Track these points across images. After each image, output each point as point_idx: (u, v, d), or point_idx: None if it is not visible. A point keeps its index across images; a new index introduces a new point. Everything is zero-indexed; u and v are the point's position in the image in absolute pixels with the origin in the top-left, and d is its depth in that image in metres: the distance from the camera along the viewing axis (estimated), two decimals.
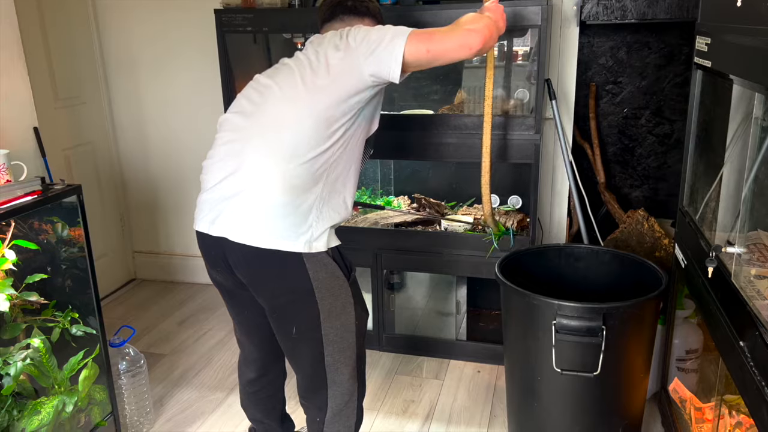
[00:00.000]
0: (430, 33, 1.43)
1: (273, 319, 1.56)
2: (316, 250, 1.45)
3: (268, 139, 1.44)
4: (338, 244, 1.52)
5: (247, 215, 1.43)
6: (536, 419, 1.83)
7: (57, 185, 1.79)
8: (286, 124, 1.43)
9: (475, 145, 2.29)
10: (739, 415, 1.74)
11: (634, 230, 2.71)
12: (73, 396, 1.81)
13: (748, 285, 1.37)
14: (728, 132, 1.92)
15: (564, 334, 1.60)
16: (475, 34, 1.44)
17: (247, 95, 1.55)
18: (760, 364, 1.17)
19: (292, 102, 1.45)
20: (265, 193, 1.41)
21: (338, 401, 1.57)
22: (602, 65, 3.03)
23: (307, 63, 1.49)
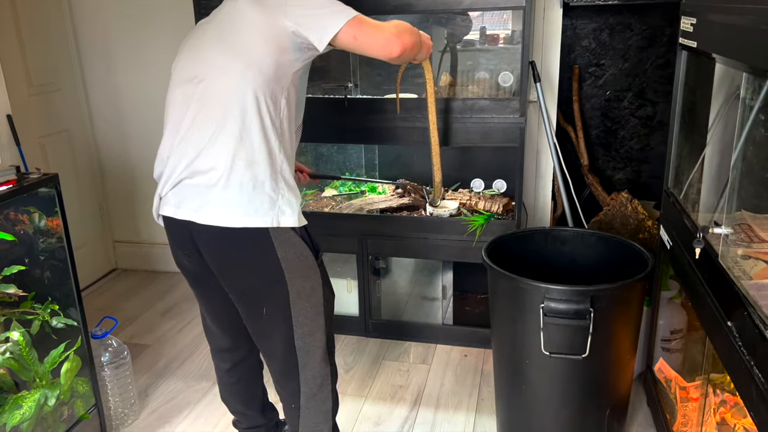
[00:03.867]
0: (366, 24, 1.42)
1: (241, 302, 1.53)
2: (285, 225, 1.42)
3: (215, 121, 1.40)
4: (305, 224, 1.50)
5: (210, 196, 1.41)
6: (524, 402, 1.83)
7: (33, 174, 1.74)
8: (228, 103, 1.39)
9: (460, 129, 2.27)
10: (724, 393, 1.76)
11: (618, 212, 2.72)
12: (55, 389, 1.77)
13: (734, 265, 1.37)
14: (710, 112, 1.92)
15: (552, 317, 1.60)
16: (400, 43, 1.44)
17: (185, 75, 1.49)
18: (748, 343, 1.17)
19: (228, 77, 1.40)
20: (224, 174, 1.39)
21: (311, 385, 1.56)
22: (585, 47, 3.02)
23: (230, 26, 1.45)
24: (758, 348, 1.12)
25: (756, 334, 1.13)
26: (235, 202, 1.39)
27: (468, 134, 2.26)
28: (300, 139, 1.67)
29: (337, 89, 2.42)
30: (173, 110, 1.49)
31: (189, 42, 1.53)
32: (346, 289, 2.61)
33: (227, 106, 1.38)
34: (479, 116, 2.22)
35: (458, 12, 2.40)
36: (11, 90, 2.20)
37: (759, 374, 1.11)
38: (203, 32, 1.51)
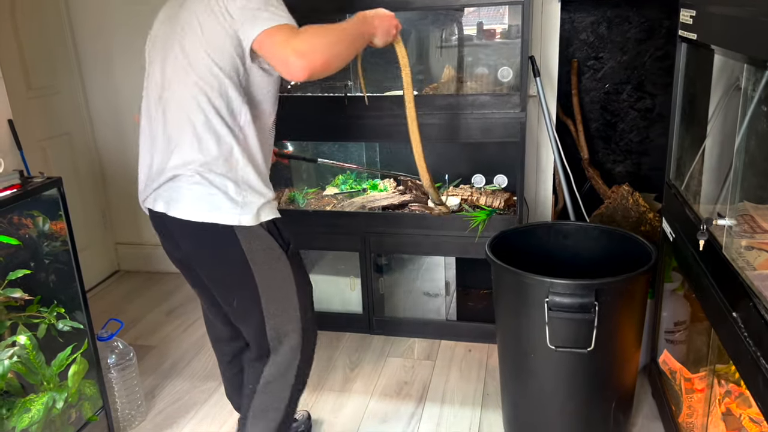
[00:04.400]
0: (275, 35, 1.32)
1: (215, 291, 1.59)
2: (247, 224, 1.44)
3: (177, 127, 1.44)
4: (274, 218, 1.50)
5: (178, 194, 1.45)
6: (530, 396, 1.84)
7: (36, 178, 1.75)
8: (186, 111, 1.42)
9: (461, 125, 2.27)
10: (728, 384, 1.76)
11: (619, 205, 2.73)
12: (63, 392, 1.78)
13: (738, 257, 1.38)
14: (710, 104, 1.93)
15: (557, 311, 1.61)
16: (305, 64, 1.28)
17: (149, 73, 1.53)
18: (754, 334, 1.18)
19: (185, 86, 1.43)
20: (187, 176, 1.43)
21: (273, 372, 1.59)
22: (583, 41, 3.02)
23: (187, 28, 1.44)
24: (764, 338, 1.13)
25: (762, 325, 1.14)
26: (198, 199, 1.44)
27: (469, 130, 2.26)
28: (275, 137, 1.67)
29: (337, 87, 2.42)
30: (145, 116, 1.54)
31: (156, 42, 1.55)
32: (349, 287, 2.61)
33: (185, 114, 1.42)
34: (480, 112, 2.22)
35: (457, 8, 2.40)
36: (11, 93, 2.20)
37: (765, 364, 1.11)
38: (164, 34, 1.51)
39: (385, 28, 1.47)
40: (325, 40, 1.32)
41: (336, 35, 1.35)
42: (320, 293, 2.67)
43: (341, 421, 2.09)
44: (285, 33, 1.30)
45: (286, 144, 2.65)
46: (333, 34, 1.34)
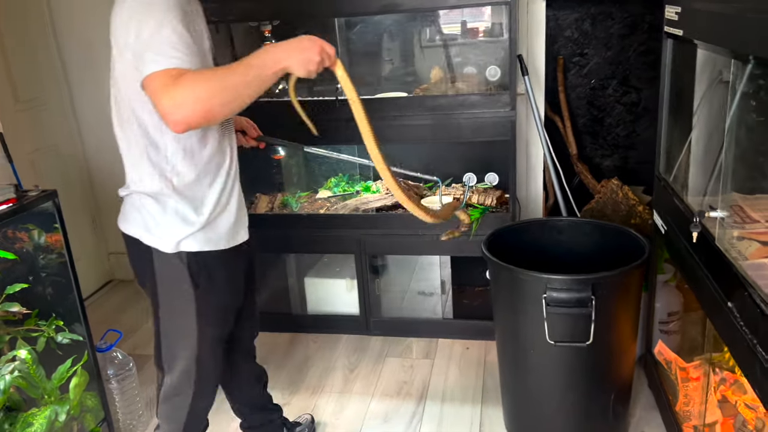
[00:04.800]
0: (155, 81, 1.19)
1: None
2: (164, 250, 1.43)
3: (120, 139, 1.48)
4: (198, 251, 1.44)
5: (124, 206, 1.55)
6: (530, 391, 1.87)
7: (31, 191, 1.74)
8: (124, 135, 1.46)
9: (452, 125, 2.29)
10: (723, 371, 1.80)
11: (609, 199, 2.76)
12: (65, 405, 1.77)
13: (731, 247, 1.41)
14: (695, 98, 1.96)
15: (555, 307, 1.63)
16: (180, 117, 1.16)
17: None
18: (749, 322, 1.21)
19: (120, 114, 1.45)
20: (126, 192, 1.50)
21: (167, 390, 1.59)
22: (568, 38, 3.06)
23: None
24: (760, 327, 1.16)
25: (757, 314, 1.17)
26: (128, 213, 1.51)
27: (460, 130, 2.28)
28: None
29: (328, 91, 2.43)
30: None
31: None
32: (345, 289, 2.63)
33: (122, 134, 1.46)
34: (470, 112, 2.25)
35: (445, 9, 2.42)
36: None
37: (762, 351, 1.14)
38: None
39: (301, 59, 1.26)
40: (205, 89, 1.16)
41: (221, 81, 1.19)
42: (317, 296, 2.70)
43: (344, 422, 2.11)
44: (161, 81, 1.17)
45: (277, 149, 2.66)
46: (217, 80, 1.19)
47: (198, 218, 1.43)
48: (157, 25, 1.22)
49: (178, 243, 1.42)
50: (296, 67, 1.27)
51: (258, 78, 1.22)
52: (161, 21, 1.22)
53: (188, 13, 1.28)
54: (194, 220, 1.43)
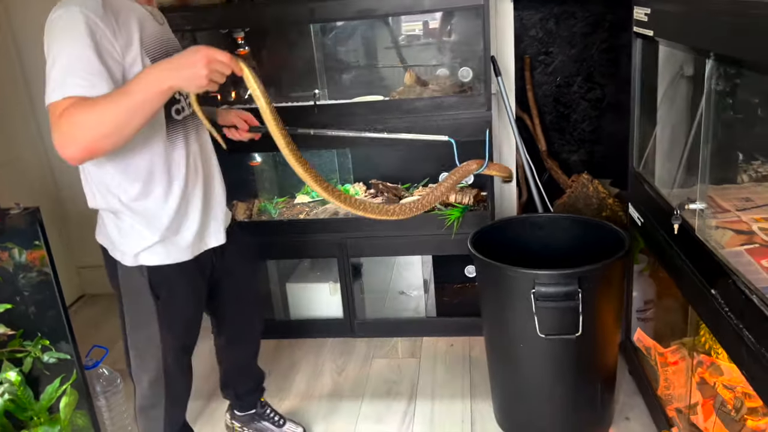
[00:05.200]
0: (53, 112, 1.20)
1: None
2: (125, 263, 1.47)
3: None
4: (157, 264, 1.47)
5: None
6: (520, 384, 1.92)
7: (12, 209, 1.70)
8: None
9: (428, 126, 2.33)
10: (700, 355, 1.88)
11: (580, 193, 2.85)
12: (56, 425, 1.75)
13: (710, 238, 1.48)
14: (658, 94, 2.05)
15: (543, 301, 1.68)
16: (71, 147, 1.19)
17: None
18: (735, 309, 1.28)
19: None
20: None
21: (141, 402, 1.63)
22: (533, 37, 3.14)
23: None
24: (746, 312, 1.23)
25: (742, 299, 1.23)
26: (98, 224, 1.56)
27: (438, 131, 2.31)
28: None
29: (305, 96, 2.43)
30: None
31: None
32: (328, 293, 2.64)
33: None
34: (448, 113, 2.29)
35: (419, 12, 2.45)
36: None
37: (749, 335, 1.21)
38: None
39: (186, 75, 1.21)
40: (84, 126, 1.17)
41: (101, 114, 1.17)
42: (300, 301, 2.70)
43: (337, 426, 2.12)
44: (52, 115, 1.19)
45: (254, 156, 2.65)
46: (96, 113, 1.17)
47: (153, 233, 1.44)
48: (58, 51, 1.23)
49: (137, 256, 1.45)
50: (184, 84, 1.23)
51: (143, 102, 1.19)
52: (61, 47, 1.23)
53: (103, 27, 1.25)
54: (149, 235, 1.44)
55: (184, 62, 1.21)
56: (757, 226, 1.60)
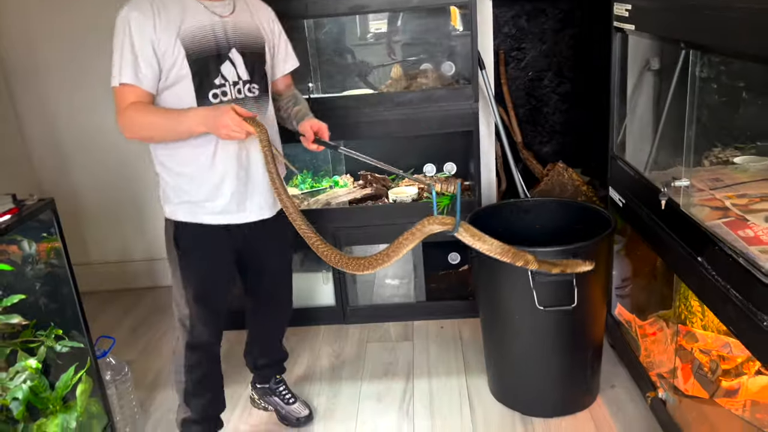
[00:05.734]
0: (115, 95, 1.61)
1: None
2: (167, 216, 1.78)
3: None
4: (187, 221, 1.75)
5: None
6: (516, 356, 2.05)
7: (28, 201, 1.73)
8: None
9: (420, 118, 2.43)
10: (677, 325, 2.05)
11: (556, 181, 3.00)
12: (73, 412, 1.78)
13: (693, 212, 1.63)
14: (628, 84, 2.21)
15: (542, 276, 1.81)
16: (123, 129, 1.64)
17: None
18: (721, 272, 1.43)
19: None
20: None
21: (174, 344, 1.91)
22: (506, 33, 3.28)
23: None
24: (732, 273, 1.38)
25: (729, 263, 1.38)
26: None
27: (428, 122, 2.43)
28: None
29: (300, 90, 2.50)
30: None
31: None
32: (321, 282, 2.72)
33: None
34: (437, 105, 2.40)
35: (409, 9, 2.56)
36: None
37: (736, 294, 1.36)
38: None
39: (210, 130, 1.59)
40: (136, 125, 1.62)
41: (148, 126, 1.62)
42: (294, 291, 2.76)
43: (340, 405, 2.21)
44: (116, 101, 1.62)
45: None
46: (146, 124, 1.62)
47: (183, 196, 1.73)
48: (114, 46, 1.59)
49: (171, 212, 1.76)
50: (213, 132, 1.60)
51: (175, 134, 1.64)
52: (115, 43, 1.59)
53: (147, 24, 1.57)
54: (181, 196, 1.73)
55: (210, 123, 1.57)
56: (730, 203, 1.77)
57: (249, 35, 1.74)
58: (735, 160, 2.05)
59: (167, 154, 1.71)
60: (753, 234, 1.54)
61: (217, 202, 1.73)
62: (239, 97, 1.72)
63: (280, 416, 2.14)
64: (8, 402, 1.64)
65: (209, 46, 1.65)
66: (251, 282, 2.00)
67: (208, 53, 1.65)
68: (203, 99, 1.66)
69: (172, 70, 1.60)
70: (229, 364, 2.42)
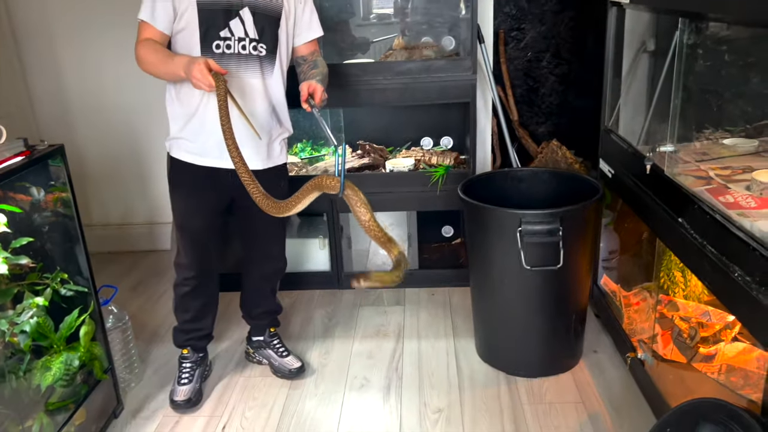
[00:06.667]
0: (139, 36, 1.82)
1: None
2: (167, 150, 1.97)
3: None
4: (180, 159, 1.92)
5: None
6: (504, 316, 2.12)
7: (38, 146, 1.79)
8: None
9: (418, 88, 2.50)
10: (659, 294, 2.13)
11: (550, 158, 3.08)
12: (77, 351, 1.85)
13: (676, 176, 1.71)
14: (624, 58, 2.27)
15: (529, 237, 1.89)
16: (137, 57, 1.82)
17: None
18: (699, 229, 1.50)
19: None
20: None
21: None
22: (507, 13, 3.34)
23: None
24: (708, 229, 1.46)
25: (706, 220, 1.46)
26: None
27: (426, 92, 2.50)
28: None
29: None
30: None
31: None
32: (318, 247, 2.79)
33: None
34: (436, 75, 2.46)
35: None
36: None
37: (711, 249, 1.44)
38: None
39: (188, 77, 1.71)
40: (141, 61, 1.82)
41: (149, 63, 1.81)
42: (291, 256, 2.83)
43: (331, 361, 2.29)
44: (138, 32, 1.84)
45: None
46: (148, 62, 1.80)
47: (173, 130, 1.93)
48: None
49: (169, 146, 1.96)
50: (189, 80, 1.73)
51: (168, 75, 1.82)
52: None
53: None
54: (174, 132, 1.93)
55: (186, 70, 1.70)
56: (714, 173, 1.84)
57: None
58: (724, 141, 2.13)
59: (172, 91, 1.90)
60: (733, 200, 1.61)
61: (198, 143, 1.89)
62: (242, 53, 1.85)
63: (273, 368, 2.22)
64: (15, 339, 1.71)
65: (221, 0, 1.80)
66: (243, 231, 2.13)
67: (218, 6, 1.79)
68: (207, 47, 1.82)
69: (184, 15, 1.78)
70: (229, 322, 2.52)
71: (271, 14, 1.88)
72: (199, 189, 1.97)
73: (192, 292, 2.07)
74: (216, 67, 1.69)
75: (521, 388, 2.09)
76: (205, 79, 1.66)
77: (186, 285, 2.06)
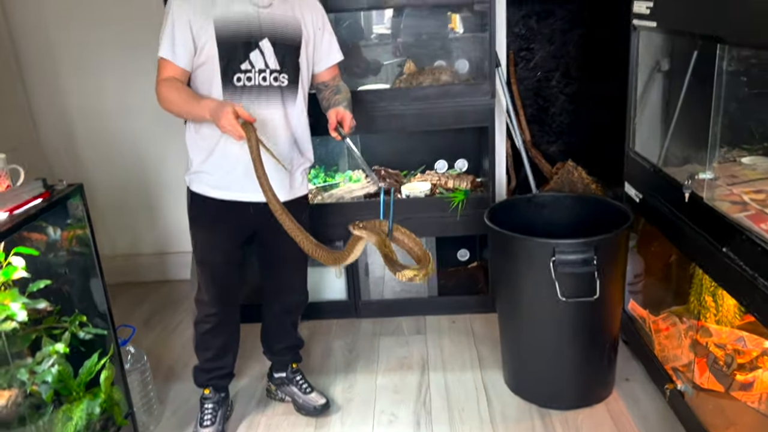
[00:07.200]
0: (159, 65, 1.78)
1: None
2: (187, 184, 1.92)
3: None
4: (201, 193, 1.88)
5: None
6: (534, 348, 2.07)
7: (57, 186, 1.73)
8: None
9: (435, 113, 2.46)
10: (690, 320, 2.08)
11: (565, 180, 3.04)
12: (97, 398, 1.78)
13: (717, 204, 1.67)
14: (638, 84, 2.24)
15: (563, 267, 1.84)
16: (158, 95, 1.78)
17: None
18: (749, 261, 1.46)
19: None
20: None
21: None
22: (516, 33, 3.32)
23: None
24: (760, 262, 1.41)
25: (757, 252, 1.41)
26: None
27: (444, 117, 2.46)
28: None
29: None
30: None
31: None
32: (334, 275, 2.73)
33: None
34: (454, 100, 2.43)
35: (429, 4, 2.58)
36: None
37: (763, 282, 1.39)
38: None
39: (216, 123, 1.67)
40: (163, 100, 1.76)
41: (172, 103, 1.76)
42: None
43: (357, 395, 2.22)
44: (158, 70, 1.79)
45: None
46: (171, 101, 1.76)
47: (193, 164, 1.88)
48: (163, 24, 1.76)
49: (190, 180, 1.91)
50: (215, 123, 1.68)
51: (191, 116, 1.80)
52: (164, 22, 1.75)
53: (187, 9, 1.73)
54: (193, 164, 1.88)
55: (214, 117, 1.66)
56: (749, 198, 1.80)
57: (285, 28, 1.82)
58: (743, 160, 2.09)
59: (192, 126, 1.86)
60: None
61: (220, 176, 1.85)
62: (263, 84, 1.82)
63: (297, 406, 2.15)
64: (36, 388, 1.64)
65: (240, 32, 1.77)
66: (263, 263, 2.08)
67: (237, 39, 1.76)
68: (228, 81, 1.78)
69: (204, 49, 1.75)
70: (248, 358, 2.44)
71: (290, 43, 1.84)
72: (220, 223, 1.92)
73: (213, 329, 2.01)
74: (244, 115, 1.64)
75: (555, 421, 2.03)
76: (236, 131, 1.63)
77: (207, 322, 2.00)
